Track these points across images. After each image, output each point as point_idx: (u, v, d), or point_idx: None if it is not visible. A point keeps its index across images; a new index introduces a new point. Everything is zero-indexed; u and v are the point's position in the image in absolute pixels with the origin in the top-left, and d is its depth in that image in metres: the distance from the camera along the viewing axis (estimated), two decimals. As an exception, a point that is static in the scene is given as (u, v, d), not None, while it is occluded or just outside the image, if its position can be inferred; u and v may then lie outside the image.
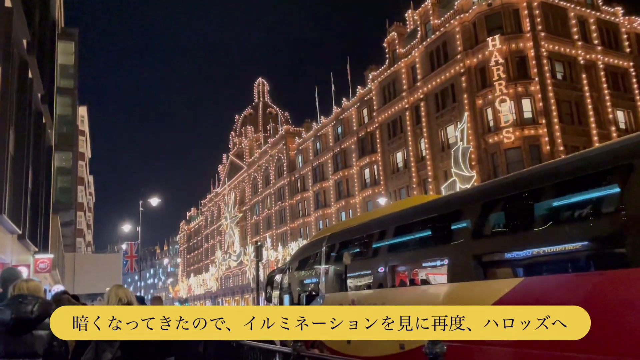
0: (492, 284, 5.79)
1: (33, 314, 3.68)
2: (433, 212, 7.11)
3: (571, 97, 35.16)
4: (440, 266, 7.24)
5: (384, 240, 8.26)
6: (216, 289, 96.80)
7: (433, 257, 7.11)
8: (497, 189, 6.22)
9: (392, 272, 7.78)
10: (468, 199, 6.61)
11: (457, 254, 6.42)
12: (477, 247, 6.20)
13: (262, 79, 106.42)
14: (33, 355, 3.67)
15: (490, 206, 6.04)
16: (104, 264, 45.75)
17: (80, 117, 55.49)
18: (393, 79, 45.98)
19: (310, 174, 63.21)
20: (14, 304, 3.68)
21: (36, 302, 3.76)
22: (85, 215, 62.75)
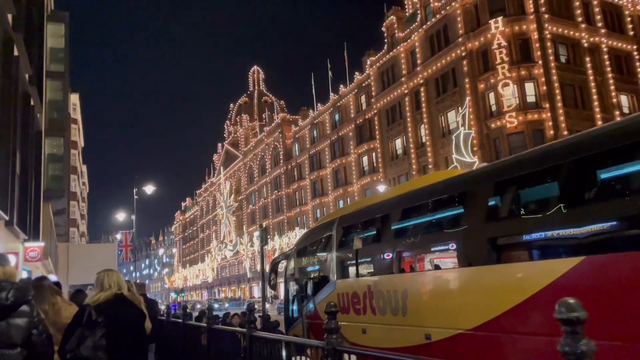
0: (544, 264, 5.05)
1: (8, 301, 3.41)
2: (471, 185, 6.28)
3: (575, 81, 34.43)
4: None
5: (405, 220, 7.49)
6: (212, 279, 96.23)
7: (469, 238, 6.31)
8: (558, 152, 5.36)
9: (415, 255, 7.05)
10: (522, 167, 5.67)
11: (501, 233, 5.67)
12: (528, 225, 5.44)
13: (257, 67, 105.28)
14: (10, 346, 3.38)
15: (551, 173, 5.16)
16: (98, 254, 45.01)
17: (72, 105, 54.38)
18: (392, 64, 45.07)
19: (307, 162, 62.39)
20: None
21: (11, 287, 3.48)
22: (78, 205, 61.80)
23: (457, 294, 6.22)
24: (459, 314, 6.11)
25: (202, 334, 7.98)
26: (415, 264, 7.82)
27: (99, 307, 4.00)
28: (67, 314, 4.87)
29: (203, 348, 7.79)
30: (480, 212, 6.01)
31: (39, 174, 22.48)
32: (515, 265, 5.46)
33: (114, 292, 4.18)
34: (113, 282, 4.26)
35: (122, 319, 4.05)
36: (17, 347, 3.40)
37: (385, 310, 7.69)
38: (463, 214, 6.32)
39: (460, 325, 6.07)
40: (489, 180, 6.05)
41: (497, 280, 5.55)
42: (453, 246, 6.62)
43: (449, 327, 6.34)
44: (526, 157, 5.84)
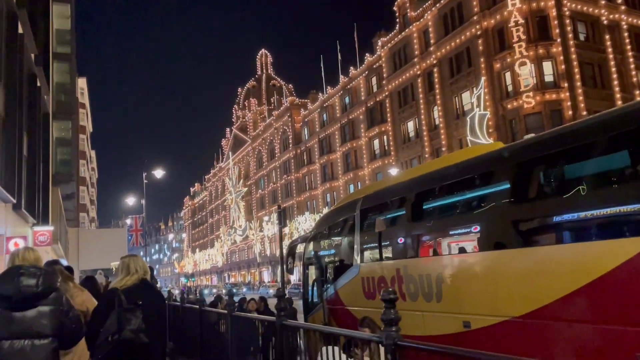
0: (614, 244, 4.44)
1: (39, 288, 3.22)
2: (523, 156, 5.62)
3: (594, 60, 33.38)
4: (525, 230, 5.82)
5: (440, 199, 6.88)
6: (222, 264, 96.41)
7: (525, 216, 5.64)
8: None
9: (452, 237, 6.47)
10: (593, 133, 4.96)
11: (564, 210, 5.05)
12: (597, 201, 4.82)
13: (264, 50, 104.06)
14: (41, 336, 3.20)
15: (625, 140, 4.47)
16: (108, 239, 44.92)
17: (80, 89, 53.99)
18: (404, 44, 44.05)
19: (317, 146, 61.70)
20: (15, 277, 3.21)
21: (41, 274, 3.30)
22: (88, 190, 61.72)
23: (505, 277, 5.63)
24: (507, 299, 5.53)
25: (220, 320, 7.50)
26: (450, 247, 7.22)
27: (128, 291, 4.02)
28: (80, 300, 4.72)
29: (220, 335, 7.32)
30: (541, 186, 5.39)
31: (47, 158, 22.08)
32: (581, 245, 4.86)
33: (140, 277, 4.21)
34: (139, 266, 4.28)
35: (149, 303, 4.07)
36: (48, 336, 3.21)
37: (416, 295, 7.14)
38: (516, 189, 5.69)
39: (507, 312, 5.50)
40: (550, 148, 5.35)
41: (558, 262, 4.94)
42: (498, 227, 5.99)
43: (493, 314, 5.77)
44: (599, 120, 5.13)
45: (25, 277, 3.23)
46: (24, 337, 3.13)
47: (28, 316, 3.16)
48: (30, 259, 3.48)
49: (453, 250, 7.29)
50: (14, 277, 3.22)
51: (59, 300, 3.35)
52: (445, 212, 6.78)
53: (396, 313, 3.06)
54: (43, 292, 3.26)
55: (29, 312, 3.17)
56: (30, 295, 3.20)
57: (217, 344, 7.44)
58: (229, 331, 6.00)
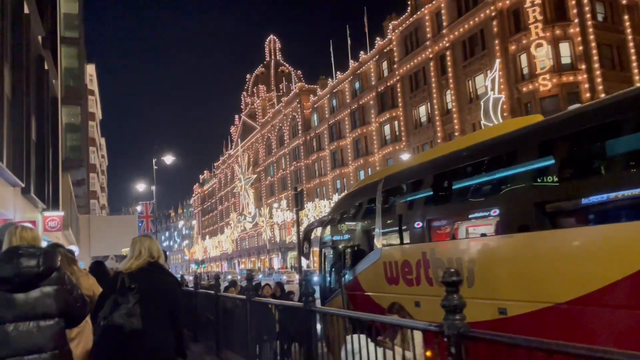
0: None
1: (40, 268, 3.10)
2: (573, 127, 5.12)
3: (612, 41, 32.45)
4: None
5: (475, 177, 6.41)
6: (232, 251, 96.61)
7: (573, 195, 5.18)
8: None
9: (485, 217, 6.03)
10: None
11: (620, 187, 4.59)
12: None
13: (273, 36, 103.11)
14: (46, 316, 3.09)
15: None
16: (119, 226, 44.97)
17: (89, 76, 53.78)
18: (416, 27, 43.21)
19: (327, 132, 61.15)
20: (14, 258, 3.07)
21: (40, 253, 3.17)
22: (98, 177, 61.79)
23: (550, 260, 5.19)
24: (551, 284, 5.10)
25: (235, 306, 7.16)
26: (483, 228, 6.76)
27: (132, 274, 3.87)
28: (86, 284, 4.57)
29: (237, 321, 6.97)
30: (595, 159, 4.92)
31: (57, 143, 21.84)
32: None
33: (146, 259, 3.99)
34: (144, 248, 4.05)
35: (155, 287, 3.88)
36: (53, 317, 3.11)
37: (445, 280, 6.70)
38: (567, 163, 5.22)
39: (550, 298, 5.07)
40: (606, 117, 4.85)
41: (617, 242, 4.49)
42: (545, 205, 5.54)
43: (534, 300, 5.35)
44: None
45: (25, 257, 3.08)
46: (28, 318, 3.03)
47: (31, 297, 3.05)
48: (28, 238, 3.33)
49: (486, 233, 6.84)
50: (13, 258, 3.07)
51: (61, 279, 3.24)
52: (480, 190, 6.33)
53: (460, 299, 2.65)
54: (45, 272, 3.13)
55: (32, 293, 3.06)
56: (32, 276, 3.07)
57: (233, 331, 7.10)
58: (248, 317, 5.63)
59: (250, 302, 5.62)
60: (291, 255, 71.94)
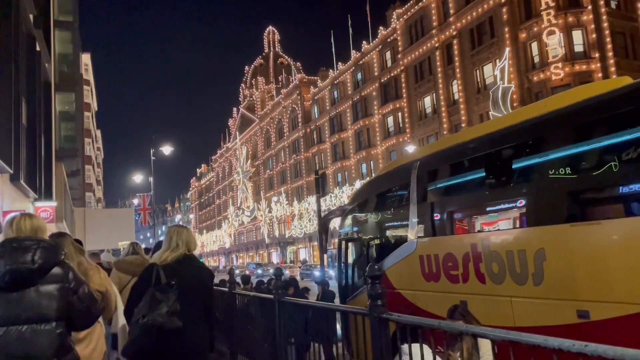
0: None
1: (35, 263, 2.71)
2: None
3: (626, 29, 31.43)
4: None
5: (546, 152, 5.36)
6: (230, 245, 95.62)
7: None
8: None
9: (560, 201, 5.01)
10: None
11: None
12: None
13: (272, 27, 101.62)
14: (42, 319, 2.68)
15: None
16: (115, 219, 43.99)
17: (85, 65, 52.55)
18: (421, 15, 42.06)
19: (327, 124, 60.03)
20: (6, 252, 2.70)
21: (37, 246, 2.77)
22: (94, 169, 60.67)
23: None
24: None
25: (251, 305, 6.14)
26: (558, 212, 5.68)
27: (167, 267, 3.65)
28: (97, 279, 4.02)
29: (253, 321, 5.96)
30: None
31: (50, 130, 20.74)
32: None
33: (182, 252, 3.78)
34: (182, 240, 3.83)
35: (193, 281, 3.70)
36: (51, 320, 2.74)
37: (501, 277, 5.70)
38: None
39: None
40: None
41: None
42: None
43: (627, 301, 4.32)
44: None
45: (19, 251, 2.73)
46: (22, 322, 2.66)
47: (26, 297, 2.69)
48: (26, 229, 2.92)
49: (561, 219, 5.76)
50: (5, 253, 2.73)
51: (63, 276, 2.83)
52: (556, 168, 5.29)
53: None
54: (41, 268, 2.75)
55: (27, 292, 2.70)
56: (25, 273, 2.70)
57: (250, 334, 6.08)
58: (278, 320, 4.60)
59: (280, 302, 4.60)
60: (290, 249, 70.98)
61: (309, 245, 65.04)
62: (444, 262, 6.70)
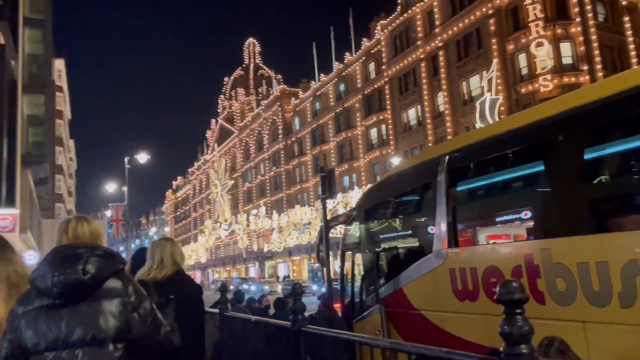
0: None
1: (87, 275, 2.31)
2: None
3: (613, 42, 31.29)
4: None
5: (632, 138, 4.25)
6: (206, 260, 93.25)
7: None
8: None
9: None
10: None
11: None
12: None
13: (252, 39, 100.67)
14: (98, 341, 2.29)
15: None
16: (86, 231, 41.91)
17: (58, 71, 50.66)
18: (406, 27, 41.53)
19: (309, 136, 58.96)
20: (57, 260, 2.34)
21: (90, 254, 2.37)
22: (65, 180, 58.27)
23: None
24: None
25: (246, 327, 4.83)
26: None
27: (158, 284, 3.36)
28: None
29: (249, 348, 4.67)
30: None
31: (14, 132, 19.12)
32: None
33: (173, 268, 3.57)
34: (167, 255, 3.56)
35: (186, 298, 3.40)
36: (108, 342, 2.31)
37: (570, 296, 4.54)
38: None
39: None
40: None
41: None
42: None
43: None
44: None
45: (70, 260, 2.31)
46: (73, 344, 2.24)
47: (78, 315, 2.26)
48: (85, 235, 2.52)
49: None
50: (54, 262, 2.32)
51: (122, 290, 2.40)
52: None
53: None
54: (95, 280, 2.33)
55: (79, 309, 2.27)
56: (75, 285, 2.27)
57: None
58: (303, 353, 3.34)
59: (304, 333, 3.32)
60: (269, 264, 69.19)
61: (288, 259, 63.47)
62: (485, 278, 5.50)
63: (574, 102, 4.61)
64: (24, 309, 2.30)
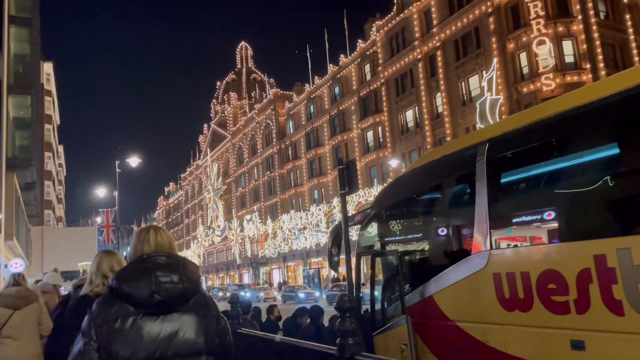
0: None
1: (184, 284, 2.23)
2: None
3: (615, 40, 30.77)
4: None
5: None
6: (199, 266, 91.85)
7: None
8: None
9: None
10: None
11: None
12: None
13: (244, 42, 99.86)
14: (192, 353, 2.21)
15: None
16: (77, 238, 41.03)
17: (46, 75, 49.58)
18: (402, 27, 40.86)
19: (303, 140, 58.10)
20: (154, 267, 2.23)
21: (180, 264, 2.30)
22: (54, 186, 57.06)
23: None
24: None
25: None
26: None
27: None
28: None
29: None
30: None
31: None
32: None
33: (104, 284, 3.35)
34: (104, 268, 3.39)
35: None
36: (201, 355, 2.23)
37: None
38: None
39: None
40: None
41: None
42: None
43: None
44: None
45: (163, 269, 2.21)
46: (169, 357, 2.16)
47: (172, 326, 2.16)
48: (164, 244, 2.42)
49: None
50: (152, 269, 2.20)
51: (207, 301, 2.35)
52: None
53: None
54: (191, 290, 2.26)
55: (172, 320, 2.17)
56: (175, 294, 2.18)
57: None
58: None
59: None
60: (263, 270, 68.06)
61: (282, 265, 62.46)
62: (541, 284, 4.65)
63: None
64: (108, 316, 2.14)
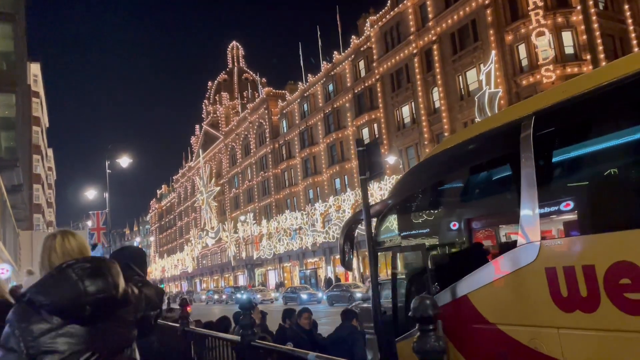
0: None
1: (118, 291, 2.21)
2: None
3: (615, 31, 30.27)
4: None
5: None
6: (192, 269, 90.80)
7: None
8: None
9: None
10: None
11: None
12: None
13: (236, 42, 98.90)
14: (122, 350, 2.25)
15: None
16: (66, 242, 39.78)
17: (33, 76, 48.45)
18: (397, 21, 40.19)
19: (297, 139, 57.32)
20: (79, 278, 2.12)
21: (109, 268, 2.24)
22: (44, 190, 55.84)
23: None
24: None
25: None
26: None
27: None
28: None
29: None
30: None
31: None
32: None
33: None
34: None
35: None
36: (128, 347, 2.30)
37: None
38: None
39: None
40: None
41: None
42: None
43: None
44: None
45: (93, 276, 2.12)
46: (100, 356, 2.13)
47: (103, 332, 2.14)
48: (73, 251, 2.30)
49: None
50: (76, 280, 2.10)
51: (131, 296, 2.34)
52: None
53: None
54: (125, 296, 2.25)
55: (103, 326, 2.14)
56: (108, 304, 2.15)
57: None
58: None
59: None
60: (259, 272, 67.18)
61: (278, 267, 61.61)
62: (610, 279, 3.88)
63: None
64: (31, 326, 2.05)
